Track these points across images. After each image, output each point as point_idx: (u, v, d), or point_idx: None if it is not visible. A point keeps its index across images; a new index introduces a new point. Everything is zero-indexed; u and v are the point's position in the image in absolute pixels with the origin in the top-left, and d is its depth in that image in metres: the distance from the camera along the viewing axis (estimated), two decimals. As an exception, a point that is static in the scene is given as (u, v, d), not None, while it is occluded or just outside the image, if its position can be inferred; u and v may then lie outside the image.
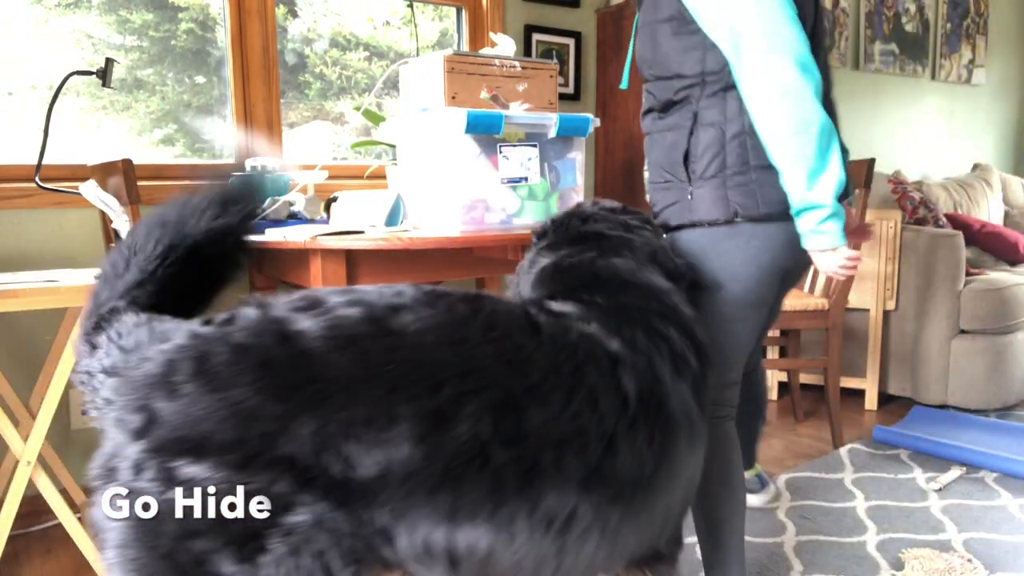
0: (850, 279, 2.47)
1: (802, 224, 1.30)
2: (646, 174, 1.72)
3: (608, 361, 1.01)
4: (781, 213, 1.33)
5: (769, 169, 1.31)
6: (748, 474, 2.05)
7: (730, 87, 1.33)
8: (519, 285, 1.30)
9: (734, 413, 1.49)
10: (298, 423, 0.80)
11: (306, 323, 0.86)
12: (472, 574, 0.90)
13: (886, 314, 2.94)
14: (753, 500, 2.03)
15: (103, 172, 1.86)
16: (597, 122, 2.08)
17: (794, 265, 1.43)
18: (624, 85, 1.65)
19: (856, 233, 1.39)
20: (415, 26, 2.88)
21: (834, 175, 1.24)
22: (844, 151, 1.31)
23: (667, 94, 1.41)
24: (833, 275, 1.34)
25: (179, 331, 0.86)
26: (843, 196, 1.29)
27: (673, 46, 1.36)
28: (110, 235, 1.93)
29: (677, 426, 1.07)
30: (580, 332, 1.02)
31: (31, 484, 1.63)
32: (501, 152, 1.90)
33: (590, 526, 0.95)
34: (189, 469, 0.79)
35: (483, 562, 0.89)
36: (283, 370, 0.83)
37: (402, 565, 0.88)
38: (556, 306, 1.09)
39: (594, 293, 1.14)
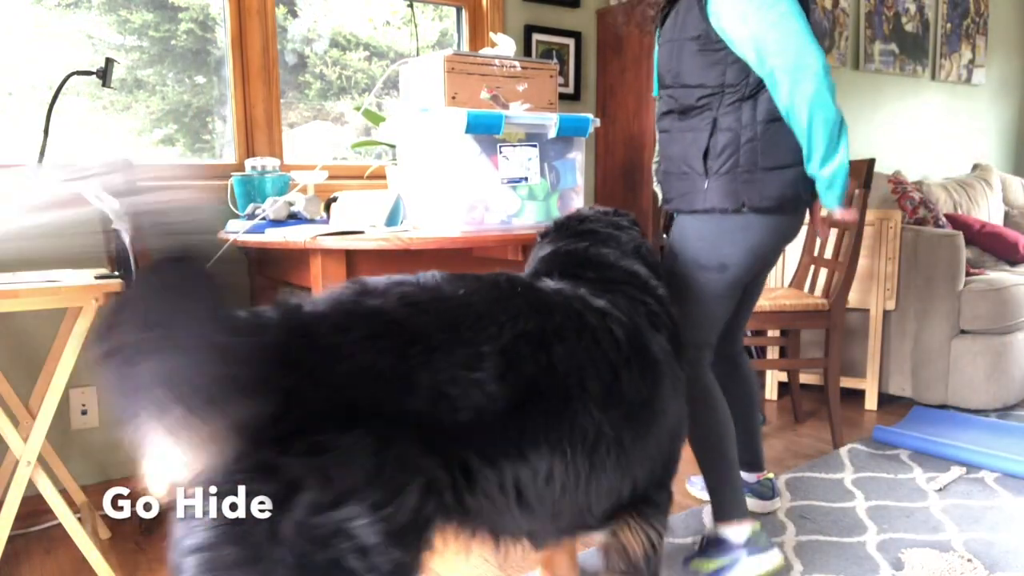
0: (850, 279, 2.48)
1: (816, 184, 1.59)
2: (655, 165, 1.84)
3: (599, 313, 1.21)
4: (780, 207, 1.61)
5: (772, 170, 1.59)
6: (760, 477, 2.05)
7: (746, 98, 1.57)
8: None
9: (709, 366, 1.75)
10: (417, 378, 0.91)
11: (375, 302, 0.97)
12: (531, 505, 1.04)
13: (886, 314, 2.94)
14: (756, 505, 2.02)
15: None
16: (597, 122, 2.09)
17: (776, 254, 1.76)
18: (656, 93, 1.81)
19: (821, 223, 1.85)
20: (415, 26, 2.88)
21: (839, 160, 1.53)
22: None
23: (689, 100, 1.63)
24: (840, 219, 1.73)
25: (269, 311, 0.90)
26: None
27: (698, 61, 1.59)
28: (110, 235, 1.93)
29: (661, 365, 1.27)
30: (573, 293, 1.24)
31: (31, 484, 1.63)
32: (501, 152, 1.90)
33: (611, 445, 1.13)
34: (340, 439, 0.82)
35: (542, 487, 1.04)
36: (389, 336, 0.93)
37: (477, 512, 0.99)
38: (550, 282, 1.28)
39: (585, 271, 1.36)
